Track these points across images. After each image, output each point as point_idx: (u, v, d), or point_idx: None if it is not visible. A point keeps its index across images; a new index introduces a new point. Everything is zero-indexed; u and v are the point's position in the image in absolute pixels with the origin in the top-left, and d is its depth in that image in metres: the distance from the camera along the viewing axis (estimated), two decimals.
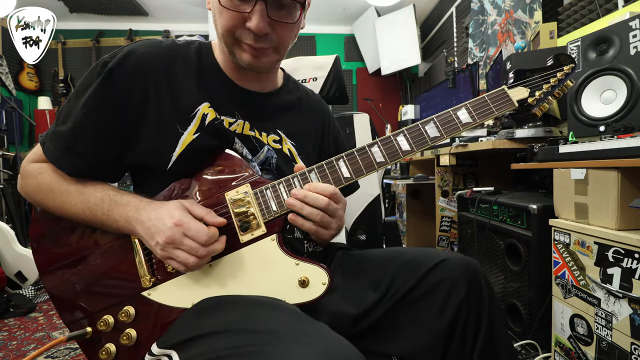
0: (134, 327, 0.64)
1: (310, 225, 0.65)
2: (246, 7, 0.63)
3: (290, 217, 0.65)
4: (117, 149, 0.68)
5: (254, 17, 0.63)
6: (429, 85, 4.09)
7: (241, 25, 0.65)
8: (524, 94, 0.68)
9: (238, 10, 0.64)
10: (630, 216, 0.92)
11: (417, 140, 0.66)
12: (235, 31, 0.66)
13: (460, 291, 0.67)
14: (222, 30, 0.67)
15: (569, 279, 1.07)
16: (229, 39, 0.67)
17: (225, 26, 0.66)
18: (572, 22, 1.92)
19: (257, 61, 0.68)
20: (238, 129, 0.73)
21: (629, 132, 0.98)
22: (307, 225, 0.65)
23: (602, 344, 0.95)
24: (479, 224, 1.59)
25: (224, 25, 0.66)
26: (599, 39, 1.14)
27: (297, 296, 0.62)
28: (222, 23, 0.66)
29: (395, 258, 0.75)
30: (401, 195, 2.88)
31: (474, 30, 2.83)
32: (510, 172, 1.52)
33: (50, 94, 4.31)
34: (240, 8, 0.63)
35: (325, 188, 0.64)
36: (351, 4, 4.16)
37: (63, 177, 0.67)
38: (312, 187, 0.64)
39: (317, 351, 0.45)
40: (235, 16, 0.64)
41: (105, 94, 0.65)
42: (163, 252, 0.59)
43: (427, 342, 0.68)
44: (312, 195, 0.64)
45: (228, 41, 0.67)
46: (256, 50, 0.67)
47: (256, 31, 0.64)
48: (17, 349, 1.58)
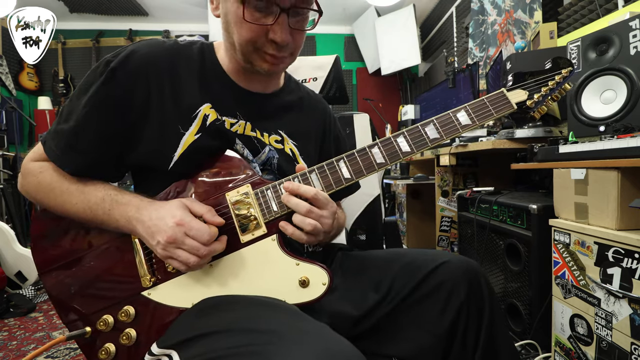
0: (134, 326, 0.64)
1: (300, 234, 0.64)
2: (269, 19, 0.63)
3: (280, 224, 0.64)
4: (119, 148, 0.68)
5: (278, 29, 0.63)
6: (429, 85, 4.09)
7: (264, 36, 0.65)
8: (523, 97, 0.69)
9: (260, 22, 0.63)
10: (630, 216, 0.92)
11: (417, 141, 0.67)
12: (257, 42, 0.65)
13: (460, 293, 0.67)
14: (241, 41, 0.66)
15: (569, 279, 1.07)
16: (248, 49, 0.67)
17: (246, 38, 0.65)
18: (572, 22, 1.92)
19: (275, 67, 0.69)
20: (239, 130, 0.73)
21: (629, 132, 0.98)
22: (296, 233, 0.64)
23: (602, 344, 0.95)
24: (479, 224, 1.59)
25: (245, 37, 0.65)
26: (599, 39, 1.14)
27: (297, 296, 0.63)
28: (242, 35, 0.65)
29: (396, 259, 0.75)
30: (401, 195, 2.88)
31: (474, 30, 2.83)
32: (510, 172, 1.52)
33: (50, 94, 4.31)
34: (262, 20, 0.63)
35: (307, 190, 0.63)
36: (351, 4, 4.16)
37: (64, 176, 0.67)
38: (292, 189, 0.63)
39: (317, 351, 0.45)
40: (258, 29, 0.64)
41: (107, 94, 0.65)
42: (164, 251, 0.59)
43: (428, 343, 0.68)
44: (294, 200, 0.63)
45: (247, 51, 0.67)
46: (277, 59, 0.68)
47: (281, 43, 0.64)
48: (17, 349, 1.58)
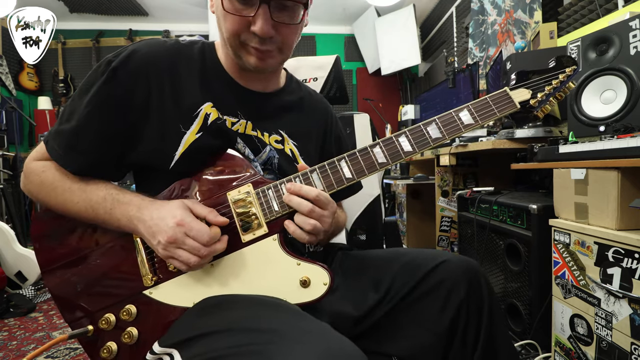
0: (136, 325, 0.64)
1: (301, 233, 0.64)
2: (250, 11, 0.63)
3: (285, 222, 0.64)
4: (120, 147, 0.68)
5: (258, 21, 0.63)
6: (429, 85, 4.10)
7: (246, 29, 0.65)
8: (526, 96, 0.68)
9: (242, 14, 0.64)
10: (630, 216, 0.92)
11: (419, 141, 0.66)
12: (241, 35, 0.66)
13: (460, 292, 0.67)
14: (227, 35, 0.67)
15: (569, 279, 1.07)
16: (234, 43, 0.67)
17: (230, 30, 0.66)
18: (572, 22, 1.92)
19: (262, 63, 0.69)
20: (240, 129, 0.73)
21: (629, 132, 0.99)
22: (297, 232, 0.64)
23: (602, 344, 0.95)
24: (479, 224, 1.59)
25: (229, 30, 0.66)
26: (599, 39, 1.15)
27: (298, 296, 0.63)
28: (227, 27, 0.66)
29: (396, 259, 0.75)
30: (401, 195, 2.88)
31: (474, 30, 2.83)
32: (510, 172, 1.52)
33: (50, 94, 4.31)
34: (244, 12, 0.64)
35: (309, 191, 0.63)
36: (351, 4, 4.16)
37: (66, 175, 0.67)
38: (294, 190, 0.63)
39: (319, 350, 0.46)
40: (240, 20, 0.64)
41: (108, 93, 0.65)
42: (165, 251, 0.60)
43: (427, 341, 0.68)
44: (296, 200, 0.63)
45: (234, 45, 0.68)
46: (262, 53, 0.68)
47: (261, 35, 0.64)
48: (17, 349, 1.58)
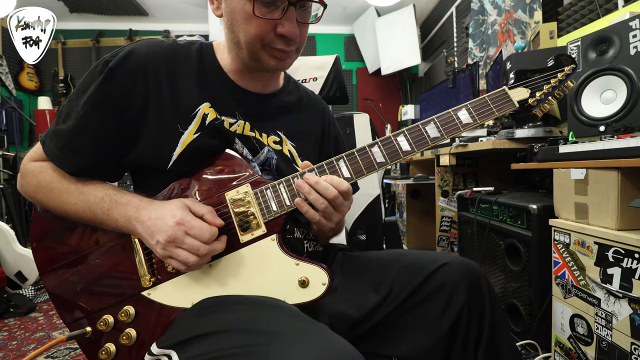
0: (134, 326, 0.64)
1: (314, 213, 0.64)
2: (276, 13, 0.63)
3: (296, 200, 0.64)
4: (118, 148, 0.68)
5: (287, 23, 0.64)
6: (429, 85, 4.10)
7: (271, 31, 0.65)
8: (525, 95, 0.68)
9: (269, 17, 0.63)
10: (630, 216, 0.92)
11: (417, 140, 0.66)
12: (265, 38, 0.65)
13: (461, 295, 0.67)
14: (249, 38, 0.65)
15: (569, 279, 1.07)
16: (256, 46, 0.66)
17: (253, 34, 0.65)
18: (572, 22, 1.92)
19: (282, 64, 0.69)
20: (238, 130, 0.73)
21: (629, 132, 0.98)
22: (310, 212, 0.64)
23: (602, 344, 0.95)
24: (479, 224, 1.59)
25: (253, 34, 0.65)
26: (599, 39, 1.14)
27: (297, 296, 0.62)
28: (249, 31, 0.65)
29: (396, 261, 0.75)
30: (401, 195, 2.88)
31: (474, 30, 2.83)
32: (510, 172, 1.52)
33: (50, 94, 4.31)
34: (270, 15, 0.63)
35: (340, 183, 0.64)
36: (351, 4, 4.16)
37: (63, 176, 0.67)
38: (327, 179, 0.64)
39: (317, 351, 0.45)
40: (266, 24, 0.64)
41: (106, 94, 0.64)
42: (164, 251, 0.59)
43: (428, 344, 0.68)
44: (323, 184, 0.63)
45: (255, 48, 0.67)
46: (285, 54, 0.68)
47: (290, 36, 0.65)
48: (17, 349, 1.58)
